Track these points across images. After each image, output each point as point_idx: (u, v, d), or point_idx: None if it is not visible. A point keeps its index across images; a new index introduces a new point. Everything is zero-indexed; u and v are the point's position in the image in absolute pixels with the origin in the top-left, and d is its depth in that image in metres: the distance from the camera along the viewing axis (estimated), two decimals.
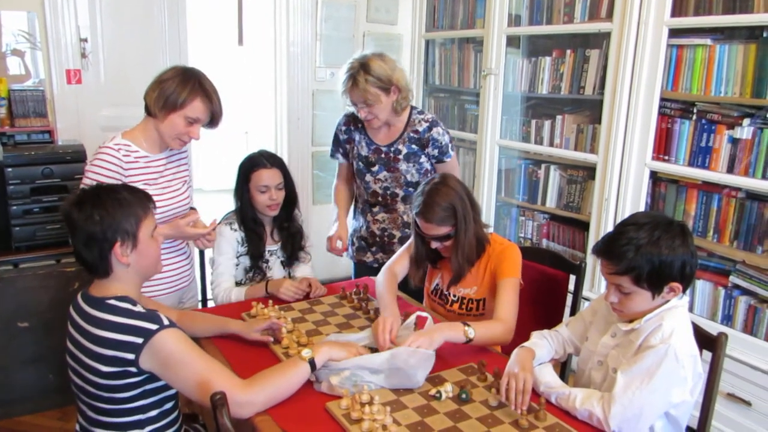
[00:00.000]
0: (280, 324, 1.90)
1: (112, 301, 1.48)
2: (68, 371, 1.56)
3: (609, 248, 1.53)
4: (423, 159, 2.52)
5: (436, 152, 2.50)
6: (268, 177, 2.32)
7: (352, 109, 2.50)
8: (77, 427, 1.61)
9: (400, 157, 2.49)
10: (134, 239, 1.51)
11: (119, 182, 1.95)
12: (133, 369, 1.43)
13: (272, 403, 1.51)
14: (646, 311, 1.55)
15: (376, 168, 2.54)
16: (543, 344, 1.76)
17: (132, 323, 1.44)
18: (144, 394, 1.50)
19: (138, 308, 1.48)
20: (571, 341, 1.82)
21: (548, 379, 1.62)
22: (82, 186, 1.97)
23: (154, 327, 1.43)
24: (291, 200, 2.46)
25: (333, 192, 2.77)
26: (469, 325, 1.78)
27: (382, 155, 2.52)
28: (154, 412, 1.54)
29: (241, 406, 1.43)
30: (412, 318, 1.87)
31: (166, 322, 1.46)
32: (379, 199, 2.59)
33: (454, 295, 2.15)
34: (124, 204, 1.51)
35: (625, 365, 1.51)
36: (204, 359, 1.47)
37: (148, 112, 2.04)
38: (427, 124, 2.49)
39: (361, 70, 2.31)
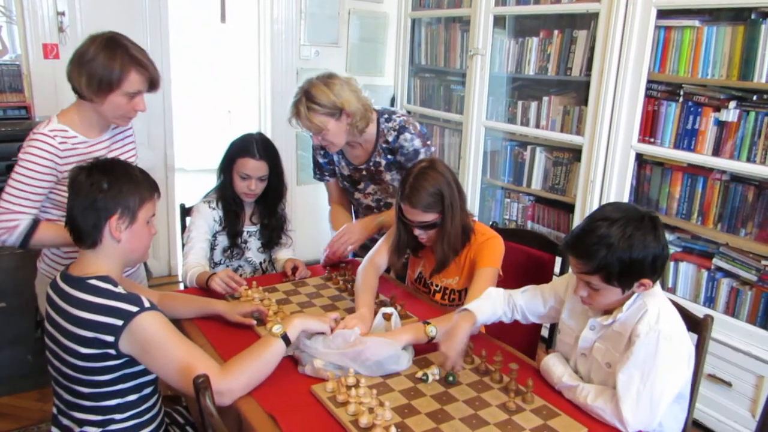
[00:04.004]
0: (265, 311, 1.88)
1: (93, 281, 1.45)
2: (46, 353, 1.53)
3: (579, 246, 1.48)
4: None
5: (402, 159, 2.30)
6: (253, 168, 2.27)
7: None
8: (54, 410, 1.58)
9: (382, 168, 2.38)
10: (132, 217, 1.50)
11: (53, 173, 1.85)
12: (112, 351, 1.41)
13: (252, 387, 1.50)
14: (618, 302, 1.53)
15: (362, 185, 2.46)
16: (487, 307, 1.74)
17: (112, 304, 1.41)
18: (123, 378, 1.47)
19: (119, 289, 1.45)
20: (522, 312, 1.80)
21: (560, 370, 1.60)
22: (11, 178, 1.83)
23: (134, 309, 1.40)
24: (277, 195, 2.40)
25: (329, 218, 2.60)
26: (429, 323, 1.74)
27: (364, 172, 2.42)
28: (133, 397, 1.51)
29: (222, 395, 1.41)
30: (380, 317, 1.82)
31: (147, 304, 1.43)
32: (375, 211, 2.51)
33: (437, 285, 2.12)
34: (134, 180, 1.51)
35: (620, 361, 1.48)
36: (184, 344, 1.44)
37: (80, 95, 1.86)
38: (395, 132, 2.30)
39: (303, 98, 2.16)
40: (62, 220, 1.90)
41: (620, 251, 1.43)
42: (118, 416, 1.50)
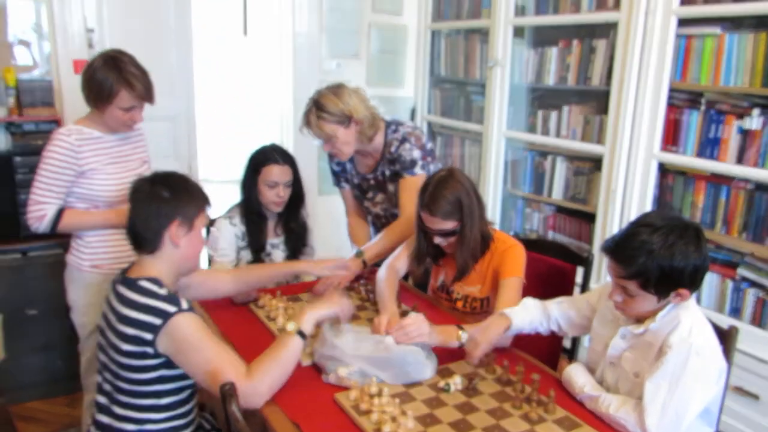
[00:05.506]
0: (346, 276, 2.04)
1: (143, 282, 1.53)
2: (96, 348, 1.62)
3: (619, 250, 1.48)
4: None
5: (399, 167, 2.34)
6: (279, 173, 2.32)
7: None
8: (95, 408, 1.63)
9: (386, 179, 2.43)
10: (190, 224, 1.59)
11: (72, 166, 2.07)
12: (150, 350, 1.47)
13: (277, 386, 1.54)
14: (652, 311, 1.53)
15: (371, 194, 2.52)
16: (524, 314, 1.76)
17: (153, 304, 1.48)
18: (161, 379, 1.52)
19: (162, 291, 1.52)
20: (557, 322, 1.81)
21: (582, 380, 1.60)
22: (36, 174, 2.07)
23: (172, 309, 1.47)
24: (298, 200, 2.45)
25: (348, 231, 2.70)
26: (462, 329, 1.77)
27: (372, 181, 2.48)
28: (170, 399, 1.57)
29: (249, 396, 1.46)
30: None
31: (185, 306, 1.50)
32: (383, 220, 2.56)
33: (458, 293, 2.14)
34: (191, 190, 1.62)
35: (649, 371, 1.47)
36: (216, 347, 1.50)
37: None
38: (398, 142, 2.35)
39: (313, 107, 2.25)
40: (87, 211, 2.13)
41: (661, 258, 1.43)
42: (154, 416, 1.55)
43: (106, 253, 2.20)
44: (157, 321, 1.46)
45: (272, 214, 2.44)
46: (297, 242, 2.47)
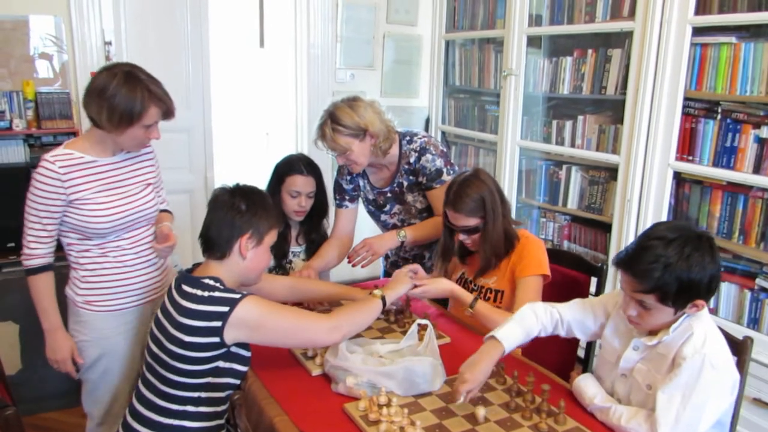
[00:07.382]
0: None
1: (206, 280, 1.59)
2: (148, 341, 1.65)
3: (634, 264, 1.45)
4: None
5: (424, 180, 2.34)
6: (302, 183, 2.35)
7: None
8: (135, 400, 1.65)
9: (404, 189, 2.43)
10: (260, 239, 1.66)
11: (59, 196, 1.86)
12: (216, 339, 1.52)
13: (353, 332, 1.73)
14: (666, 323, 1.51)
15: (387, 207, 2.50)
16: (518, 331, 1.65)
17: (218, 295, 1.55)
18: (215, 371, 1.56)
19: (223, 288, 1.58)
20: (567, 326, 1.75)
21: (592, 391, 1.59)
22: (27, 206, 1.87)
23: (237, 296, 1.55)
24: (321, 211, 2.47)
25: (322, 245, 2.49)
26: (477, 300, 1.93)
27: (389, 194, 2.47)
28: (214, 394, 1.59)
29: (330, 332, 1.64)
30: (414, 327, 1.82)
31: (245, 292, 1.59)
32: None
33: (475, 285, 2.17)
34: (267, 207, 1.69)
35: (663, 382, 1.46)
36: (287, 309, 1.65)
37: (98, 126, 1.88)
38: (416, 153, 2.34)
39: (328, 119, 2.23)
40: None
41: (679, 271, 1.40)
42: (192, 409, 1.58)
43: (101, 289, 2.00)
44: (224, 309, 1.52)
45: (295, 223, 2.47)
46: (317, 251, 2.48)
